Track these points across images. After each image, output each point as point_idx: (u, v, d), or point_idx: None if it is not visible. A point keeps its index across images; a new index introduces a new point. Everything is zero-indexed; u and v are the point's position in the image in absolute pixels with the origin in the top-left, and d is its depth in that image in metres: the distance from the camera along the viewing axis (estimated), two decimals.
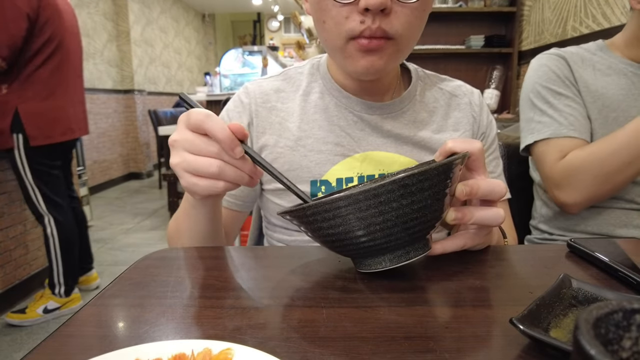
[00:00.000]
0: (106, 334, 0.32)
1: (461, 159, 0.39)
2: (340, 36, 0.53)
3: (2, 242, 1.96)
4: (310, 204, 0.36)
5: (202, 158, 0.41)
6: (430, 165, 0.35)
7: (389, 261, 0.39)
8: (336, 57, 0.58)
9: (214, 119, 0.40)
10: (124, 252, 2.77)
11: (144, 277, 0.42)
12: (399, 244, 0.38)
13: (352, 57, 0.55)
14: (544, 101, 0.85)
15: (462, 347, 0.30)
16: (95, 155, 4.52)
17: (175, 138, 0.42)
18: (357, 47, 0.53)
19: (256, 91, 0.65)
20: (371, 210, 0.34)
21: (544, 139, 0.83)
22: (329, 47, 0.58)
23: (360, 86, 0.63)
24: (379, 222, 0.35)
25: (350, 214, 0.35)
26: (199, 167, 0.41)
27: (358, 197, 0.34)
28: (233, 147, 0.40)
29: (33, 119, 1.72)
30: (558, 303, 0.33)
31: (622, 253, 0.44)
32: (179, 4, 7.18)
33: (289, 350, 0.29)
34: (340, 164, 0.62)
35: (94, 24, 4.55)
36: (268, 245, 0.71)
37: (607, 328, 0.16)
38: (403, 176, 0.34)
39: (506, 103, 2.92)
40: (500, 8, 2.84)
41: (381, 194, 0.34)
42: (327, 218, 0.36)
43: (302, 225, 0.39)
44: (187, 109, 0.43)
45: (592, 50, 0.88)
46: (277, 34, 9.26)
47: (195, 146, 0.41)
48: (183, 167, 0.42)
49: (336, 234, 0.37)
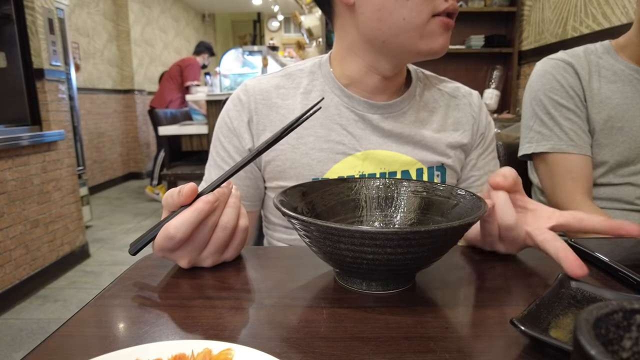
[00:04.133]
0: (106, 334, 0.32)
1: (476, 220, 0.36)
2: (424, 12, 0.55)
3: (2, 242, 1.96)
4: (306, 220, 0.35)
5: (209, 239, 0.42)
6: (439, 226, 0.33)
7: (366, 286, 0.38)
8: (408, 38, 0.57)
9: (175, 242, 0.40)
10: (124, 252, 2.77)
11: (144, 277, 0.42)
12: (380, 277, 0.38)
13: (432, 35, 0.56)
14: (545, 111, 0.84)
15: (463, 348, 0.30)
16: (95, 155, 4.52)
17: (187, 261, 0.42)
18: (440, 24, 0.55)
19: (255, 88, 0.65)
20: (364, 247, 0.33)
21: (544, 152, 0.84)
22: (403, 27, 0.56)
23: (376, 84, 0.63)
24: (368, 258, 0.34)
25: (341, 243, 0.34)
26: (219, 240, 0.42)
27: (354, 234, 0.33)
28: (189, 199, 0.40)
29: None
30: (557, 303, 0.33)
31: (622, 253, 0.44)
32: (179, 4, 7.18)
33: (289, 350, 0.29)
34: (341, 162, 0.62)
35: (94, 24, 4.55)
36: (267, 244, 0.71)
37: (607, 328, 0.16)
38: (407, 231, 0.32)
39: (506, 103, 2.92)
40: (500, 8, 2.85)
41: (378, 238, 0.32)
42: (316, 237, 0.35)
43: (294, 225, 0.38)
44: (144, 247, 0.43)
45: (599, 54, 0.85)
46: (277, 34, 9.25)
47: (199, 241, 0.41)
48: (216, 259, 0.43)
49: (323, 248, 0.36)
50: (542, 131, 0.84)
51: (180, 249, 0.41)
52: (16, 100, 2.20)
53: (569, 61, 0.84)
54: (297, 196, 0.44)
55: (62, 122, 2.40)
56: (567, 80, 0.83)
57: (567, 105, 0.82)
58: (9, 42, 2.16)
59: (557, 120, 0.82)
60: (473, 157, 0.69)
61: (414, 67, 0.70)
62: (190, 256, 0.41)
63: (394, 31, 0.57)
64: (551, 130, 0.83)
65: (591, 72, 0.83)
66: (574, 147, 0.81)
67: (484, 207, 0.38)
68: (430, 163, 0.64)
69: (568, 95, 0.83)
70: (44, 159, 2.26)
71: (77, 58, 4.17)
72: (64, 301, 2.08)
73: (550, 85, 0.84)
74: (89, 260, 2.63)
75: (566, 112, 0.82)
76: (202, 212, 0.39)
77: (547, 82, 0.85)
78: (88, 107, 4.41)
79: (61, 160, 2.40)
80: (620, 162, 0.82)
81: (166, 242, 0.40)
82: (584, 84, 0.83)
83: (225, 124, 0.65)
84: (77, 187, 2.56)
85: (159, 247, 0.41)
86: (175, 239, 0.39)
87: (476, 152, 0.69)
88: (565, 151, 0.81)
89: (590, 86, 0.83)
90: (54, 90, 2.36)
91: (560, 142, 0.81)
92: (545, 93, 0.85)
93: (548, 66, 0.86)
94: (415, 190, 0.48)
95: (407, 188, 0.48)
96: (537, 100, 0.86)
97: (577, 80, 0.83)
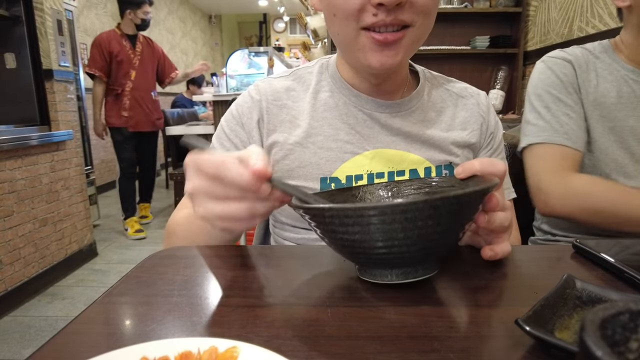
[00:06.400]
0: (113, 331, 0.33)
1: (493, 187, 0.37)
2: (350, 27, 0.52)
3: (12, 240, 1.99)
4: (332, 206, 0.34)
5: (231, 205, 0.38)
6: (465, 190, 0.34)
7: (395, 276, 0.38)
8: (348, 52, 0.57)
9: (227, 165, 0.37)
10: (131, 250, 2.79)
11: (150, 275, 0.43)
12: (411, 261, 0.37)
13: (365, 51, 0.53)
14: (543, 105, 0.85)
15: (467, 347, 0.30)
16: (103, 155, 4.56)
17: (191, 188, 0.39)
18: (370, 39, 0.52)
19: (267, 89, 0.65)
20: (395, 224, 0.33)
21: (539, 143, 0.83)
22: (340, 42, 0.57)
23: (371, 85, 0.63)
24: (399, 237, 0.34)
25: (371, 224, 0.33)
26: (231, 215, 0.39)
27: (385, 210, 0.32)
28: (257, 190, 0.37)
29: None
30: (562, 304, 0.33)
31: (629, 254, 0.44)
32: (185, 5, 7.22)
33: (294, 348, 0.30)
34: (350, 161, 0.62)
35: (102, 25, 4.59)
36: (274, 243, 0.71)
37: (613, 329, 0.15)
38: (436, 198, 0.32)
39: (511, 103, 2.90)
40: (505, 8, 2.82)
41: (409, 210, 0.32)
42: (345, 223, 0.34)
43: (315, 224, 0.38)
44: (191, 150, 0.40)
45: (597, 53, 0.86)
46: (282, 35, 9.27)
47: (217, 194, 0.38)
48: (212, 219, 0.40)
49: (350, 240, 0.36)
50: (538, 123, 0.84)
51: (216, 187, 0.38)
52: (26, 100, 2.22)
53: (568, 58, 0.85)
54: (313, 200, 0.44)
55: (70, 122, 2.43)
56: (567, 77, 0.84)
57: (565, 100, 0.83)
58: (19, 43, 2.18)
59: (554, 113, 0.83)
60: (483, 157, 0.69)
61: (421, 67, 0.71)
62: (220, 209, 0.39)
63: (338, 45, 0.59)
64: (547, 122, 0.83)
65: (589, 70, 0.84)
66: (568, 140, 0.81)
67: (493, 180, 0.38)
68: (438, 162, 0.64)
69: (567, 92, 0.83)
70: (53, 158, 2.29)
71: (85, 59, 4.22)
72: (72, 299, 2.10)
73: (550, 80, 0.85)
74: (97, 258, 2.65)
75: (564, 107, 0.83)
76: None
77: (546, 77, 0.85)
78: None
79: (69, 159, 2.42)
80: (612, 162, 0.82)
81: (212, 169, 0.37)
82: (580, 81, 0.83)
83: (234, 117, 0.65)
84: (84, 187, 2.58)
85: (197, 167, 0.38)
86: (224, 166, 0.36)
87: (485, 152, 0.69)
88: (560, 143, 0.81)
89: (587, 84, 0.83)
90: (63, 90, 2.38)
91: (556, 134, 0.81)
92: (544, 88, 0.85)
93: (548, 63, 0.87)
94: (419, 187, 0.49)
95: (409, 187, 0.49)
96: (536, 95, 0.86)
97: (574, 78, 0.84)
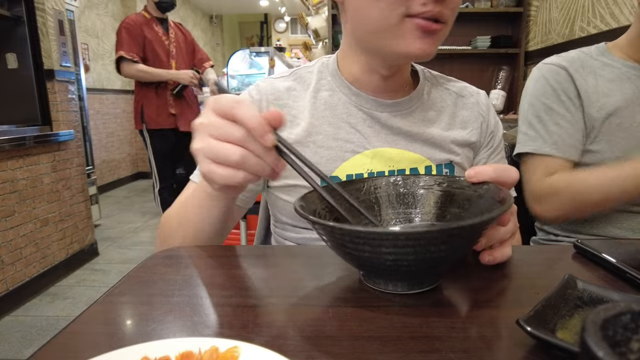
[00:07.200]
0: (114, 331, 0.33)
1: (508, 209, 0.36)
2: (395, 13, 0.51)
3: (13, 240, 1.99)
4: (343, 227, 0.33)
5: (225, 144, 0.38)
6: (482, 218, 0.33)
7: (401, 287, 0.38)
8: (382, 37, 0.55)
9: (244, 105, 0.37)
10: (132, 250, 2.79)
11: (151, 275, 0.43)
12: (417, 275, 0.37)
13: (405, 37, 0.53)
14: (534, 114, 0.86)
15: (468, 348, 0.30)
16: (104, 155, 4.57)
17: (200, 122, 0.39)
18: (414, 26, 0.51)
19: (268, 88, 0.66)
20: (407, 249, 0.33)
21: (528, 153, 0.86)
22: (374, 27, 0.55)
23: (379, 80, 0.63)
24: (410, 259, 0.33)
25: (382, 247, 0.33)
26: (220, 153, 0.38)
27: (398, 236, 0.32)
28: (263, 135, 0.37)
29: None
30: (564, 304, 0.33)
31: (630, 254, 0.44)
32: (186, 5, 7.22)
33: (295, 348, 0.30)
34: (350, 160, 0.62)
35: (103, 25, 4.59)
36: (275, 243, 0.71)
37: (615, 330, 0.15)
38: (453, 227, 0.32)
39: (512, 104, 2.90)
40: (506, 8, 2.82)
41: (423, 238, 0.32)
42: (356, 242, 0.33)
43: (324, 235, 0.37)
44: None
45: (594, 55, 0.86)
46: (283, 35, 9.27)
47: (220, 131, 0.38)
48: (204, 153, 0.39)
49: (359, 256, 0.35)
50: (528, 133, 0.86)
51: (223, 124, 0.38)
52: (27, 100, 2.23)
53: (562, 65, 0.85)
54: (315, 199, 0.44)
55: (71, 122, 2.43)
56: (561, 85, 0.84)
57: (557, 110, 0.84)
58: (20, 43, 2.19)
59: (545, 123, 0.84)
60: (483, 156, 0.69)
61: (420, 67, 0.71)
62: (215, 144, 0.38)
63: (370, 31, 0.56)
64: (537, 133, 0.85)
65: (586, 72, 0.84)
66: (557, 150, 0.82)
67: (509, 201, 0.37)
68: (438, 160, 0.64)
69: (559, 100, 0.84)
70: (54, 158, 2.29)
71: (86, 59, 4.22)
72: (73, 299, 2.10)
73: (543, 89, 0.86)
74: (98, 258, 2.65)
75: (555, 117, 0.84)
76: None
77: (540, 86, 0.86)
78: (97, 108, 4.45)
79: (71, 159, 2.43)
80: (620, 159, 0.81)
81: (229, 102, 0.37)
82: (577, 85, 0.83)
83: None
84: (86, 187, 2.59)
85: (215, 102, 0.39)
86: (241, 104, 0.37)
87: (486, 151, 0.69)
88: (548, 153, 0.83)
89: (586, 86, 0.83)
90: (64, 90, 2.38)
91: (545, 145, 0.83)
92: (537, 97, 0.86)
93: (542, 71, 0.88)
94: (428, 185, 0.48)
95: (417, 184, 0.49)
96: (530, 104, 0.88)
97: (570, 83, 0.84)
